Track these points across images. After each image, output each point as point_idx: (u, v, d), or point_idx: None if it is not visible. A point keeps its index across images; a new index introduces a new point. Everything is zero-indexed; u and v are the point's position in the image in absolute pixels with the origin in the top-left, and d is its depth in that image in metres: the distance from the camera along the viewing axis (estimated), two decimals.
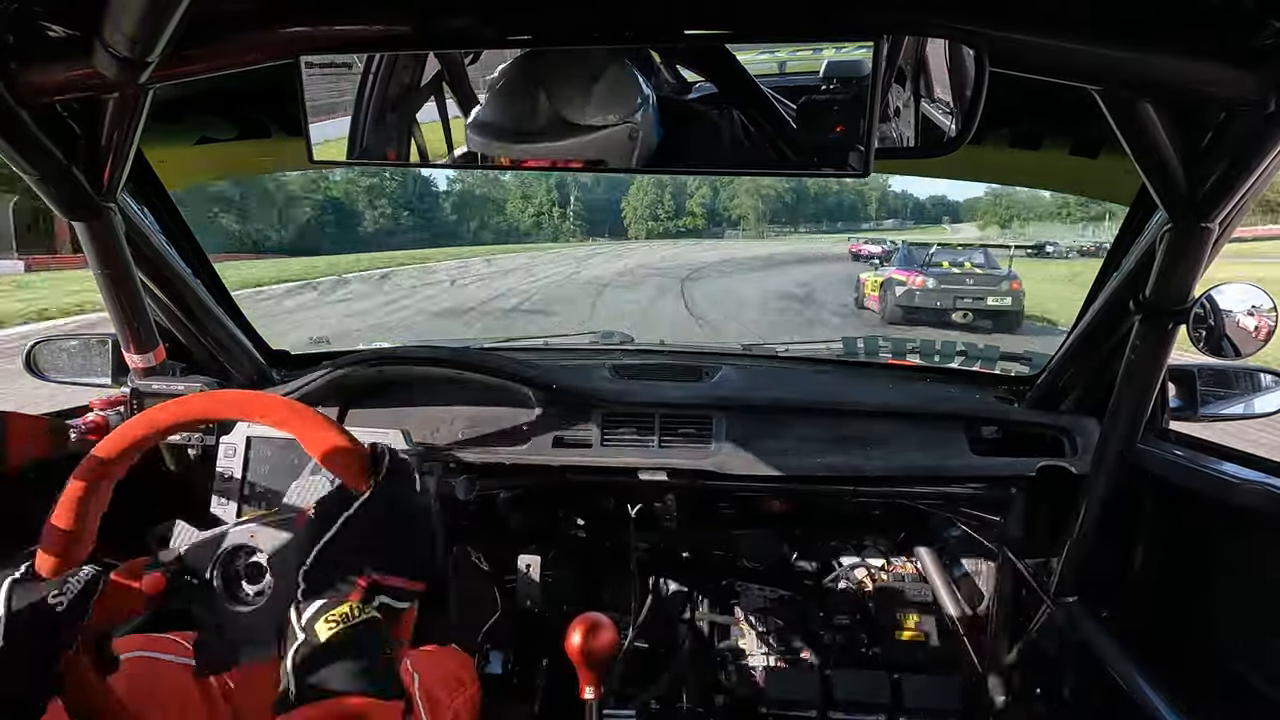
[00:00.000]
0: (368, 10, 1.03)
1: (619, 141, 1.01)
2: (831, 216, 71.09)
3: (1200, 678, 1.34)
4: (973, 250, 13.39)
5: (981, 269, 12.28)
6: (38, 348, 1.81)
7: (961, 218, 70.06)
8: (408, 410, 1.79)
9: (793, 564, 2.25)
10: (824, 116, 0.99)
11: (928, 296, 11.69)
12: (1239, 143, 1.00)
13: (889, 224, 72.26)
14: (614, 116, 1.01)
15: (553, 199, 60.20)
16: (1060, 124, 1.43)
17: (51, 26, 0.99)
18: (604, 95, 1.02)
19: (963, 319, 11.56)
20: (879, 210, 75.73)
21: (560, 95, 1.01)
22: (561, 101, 1.01)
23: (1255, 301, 1.23)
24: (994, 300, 11.67)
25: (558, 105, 1.01)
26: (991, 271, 12.22)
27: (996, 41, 0.90)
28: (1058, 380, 1.68)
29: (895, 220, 73.33)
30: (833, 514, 2.20)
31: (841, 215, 72.38)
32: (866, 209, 75.23)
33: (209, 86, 1.11)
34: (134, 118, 1.18)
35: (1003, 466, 1.70)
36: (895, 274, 12.30)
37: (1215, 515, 1.38)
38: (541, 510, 2.15)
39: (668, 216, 62.70)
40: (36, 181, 1.21)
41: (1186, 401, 1.62)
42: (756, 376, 1.97)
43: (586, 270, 25.06)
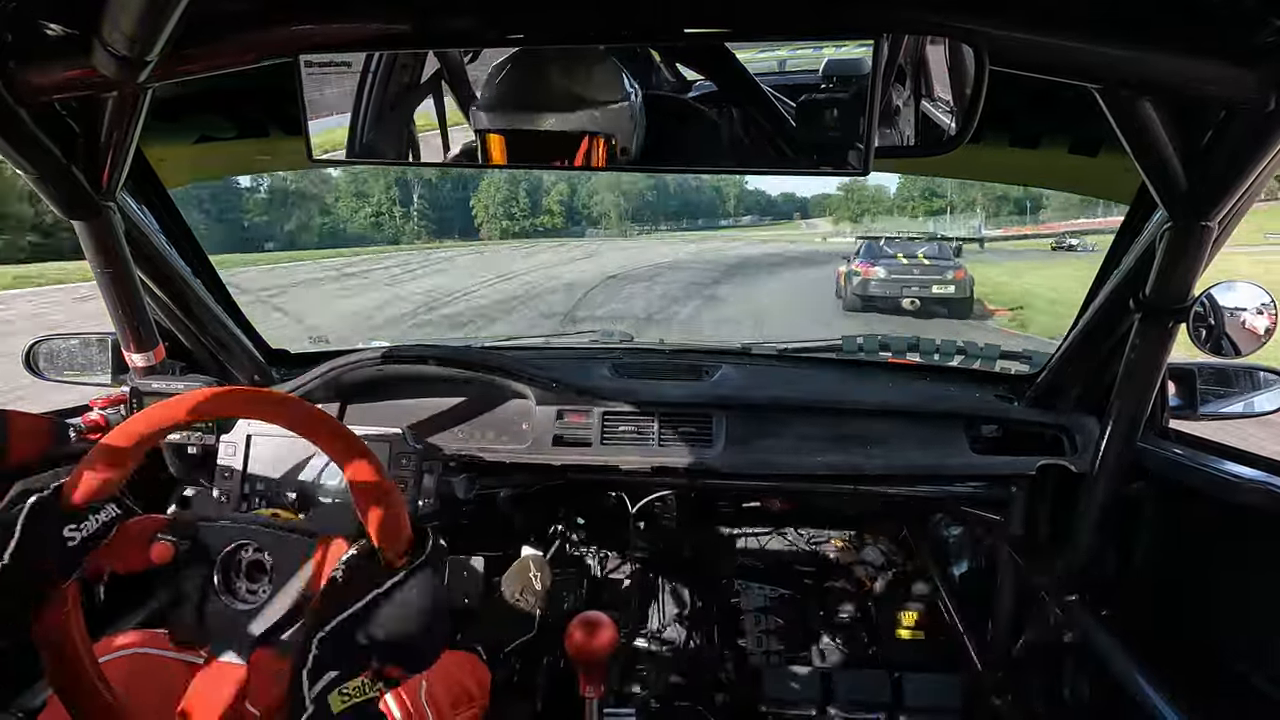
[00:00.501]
0: (368, 10, 1.03)
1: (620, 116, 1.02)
2: (693, 214, 69.50)
3: (1200, 676, 1.34)
4: (926, 243, 14.45)
5: (931, 259, 13.23)
6: (37, 346, 1.81)
7: (811, 213, 70.01)
8: (408, 409, 1.79)
9: (793, 564, 2.25)
10: (824, 115, 0.99)
11: (879, 286, 12.72)
12: (1239, 142, 1.00)
13: (746, 220, 70.77)
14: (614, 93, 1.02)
15: (392, 197, 53.82)
16: (1059, 123, 1.42)
17: (51, 26, 0.99)
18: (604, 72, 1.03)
19: (910, 305, 12.56)
20: (737, 207, 73.99)
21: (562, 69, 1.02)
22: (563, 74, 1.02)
23: (1255, 299, 1.23)
24: (939, 288, 12.66)
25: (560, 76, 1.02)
26: (939, 262, 13.15)
27: (996, 40, 0.90)
28: (1058, 379, 1.68)
29: (753, 216, 71.40)
30: (833, 513, 2.20)
31: (701, 212, 70.88)
32: (725, 205, 73.81)
33: (209, 86, 1.11)
34: (133, 117, 1.18)
35: (1003, 465, 1.70)
36: (856, 266, 13.31)
37: (1215, 514, 1.38)
38: (541, 509, 2.15)
39: (523, 215, 59.19)
40: (36, 181, 1.21)
41: (1186, 400, 1.62)
42: (756, 375, 1.97)
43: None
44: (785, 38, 0.99)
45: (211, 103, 1.53)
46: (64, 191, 1.25)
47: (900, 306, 12.49)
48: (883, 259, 13.15)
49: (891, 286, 12.64)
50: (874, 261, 13.06)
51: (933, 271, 12.83)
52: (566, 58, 1.03)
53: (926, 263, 13.05)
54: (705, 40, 1.01)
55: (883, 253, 13.44)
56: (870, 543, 2.23)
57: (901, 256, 13.20)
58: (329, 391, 1.75)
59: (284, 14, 1.03)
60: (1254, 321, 1.22)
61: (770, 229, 52.52)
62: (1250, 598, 1.31)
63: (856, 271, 13.10)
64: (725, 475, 1.76)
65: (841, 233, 45.39)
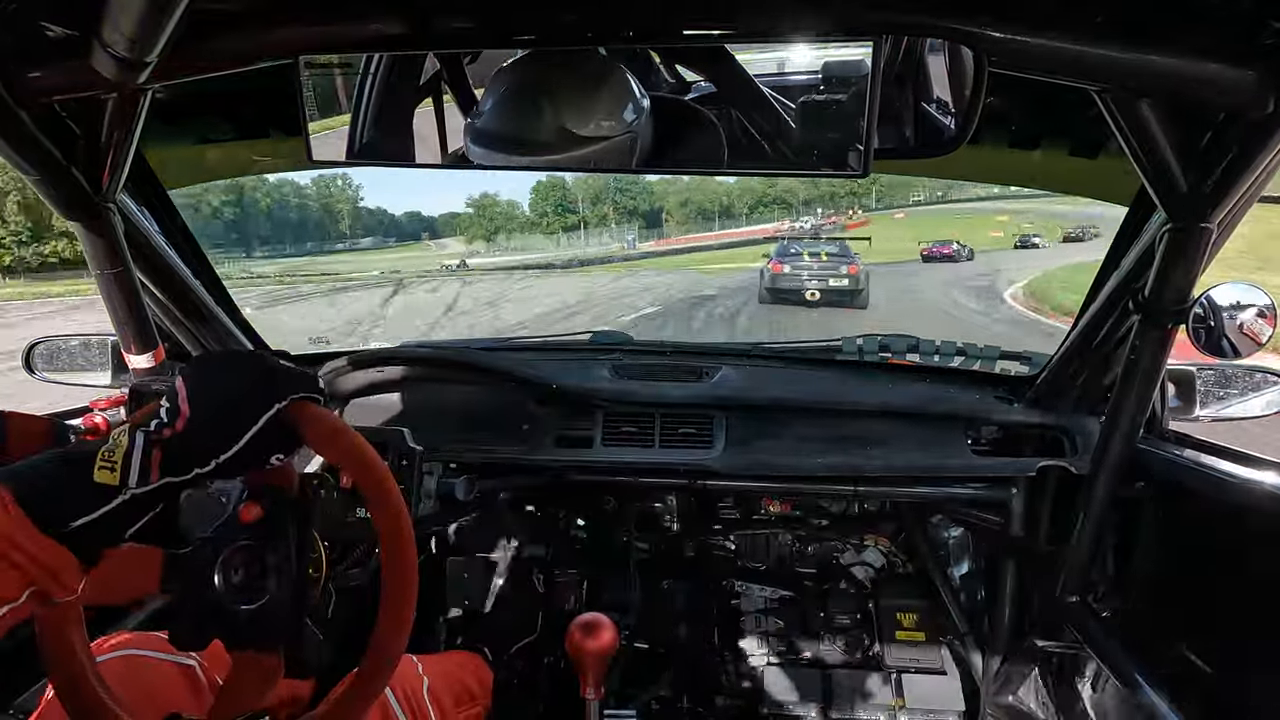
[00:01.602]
0: (368, 10, 1.03)
1: (619, 149, 1.01)
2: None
3: (1200, 677, 1.34)
4: (826, 243, 17.41)
5: (830, 256, 15.39)
6: (37, 347, 1.81)
7: (441, 233, 63.57)
8: (408, 409, 1.79)
9: (793, 564, 2.25)
10: (823, 116, 0.99)
11: (784, 280, 14.77)
12: (1239, 143, 1.00)
13: (366, 242, 60.54)
14: (615, 126, 1.01)
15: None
16: (1060, 124, 1.42)
17: (51, 26, 0.99)
18: (606, 105, 1.02)
19: (811, 297, 14.46)
20: (354, 228, 62.35)
21: (562, 105, 1.01)
22: (563, 112, 1.01)
23: (1255, 301, 1.22)
24: (834, 281, 14.58)
25: (560, 116, 1.01)
26: (836, 259, 15.19)
27: (996, 42, 0.90)
28: (1058, 380, 1.68)
29: (374, 238, 61.54)
30: (833, 514, 2.20)
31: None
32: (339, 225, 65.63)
33: (209, 86, 1.10)
34: (133, 118, 1.18)
35: (1003, 466, 1.70)
36: (769, 265, 15.49)
37: (1215, 515, 1.38)
38: (542, 510, 2.15)
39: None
40: (36, 182, 1.21)
41: (1186, 401, 1.62)
42: (756, 376, 1.97)
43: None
44: (785, 39, 0.99)
45: (211, 104, 1.53)
46: (64, 193, 1.25)
47: (804, 298, 14.47)
48: (789, 257, 15.25)
49: (794, 280, 14.68)
50: (783, 260, 15.18)
51: (829, 267, 14.85)
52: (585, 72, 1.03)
53: (825, 259, 15.17)
54: (705, 41, 1.01)
55: (790, 251, 15.63)
56: (870, 544, 2.23)
57: (806, 255, 15.36)
58: (330, 392, 1.75)
59: (284, 15, 1.03)
60: (1253, 323, 1.22)
61: (396, 251, 50.12)
62: (1250, 598, 1.31)
63: (767, 268, 15.32)
64: (725, 476, 1.76)
65: (477, 252, 45.08)
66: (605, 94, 1.02)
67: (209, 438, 0.74)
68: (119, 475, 0.70)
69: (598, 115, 1.01)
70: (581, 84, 1.02)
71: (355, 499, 1.54)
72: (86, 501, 0.69)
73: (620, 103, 1.02)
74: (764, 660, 2.10)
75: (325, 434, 0.81)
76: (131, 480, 0.70)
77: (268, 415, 0.75)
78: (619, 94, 1.02)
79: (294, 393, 0.78)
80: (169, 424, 0.73)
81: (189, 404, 0.74)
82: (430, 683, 1.22)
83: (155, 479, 0.71)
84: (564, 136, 1.01)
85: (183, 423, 0.73)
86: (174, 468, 0.72)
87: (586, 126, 1.01)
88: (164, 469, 0.72)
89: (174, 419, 0.74)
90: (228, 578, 0.86)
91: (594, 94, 1.02)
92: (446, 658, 1.37)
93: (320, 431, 0.80)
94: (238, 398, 0.77)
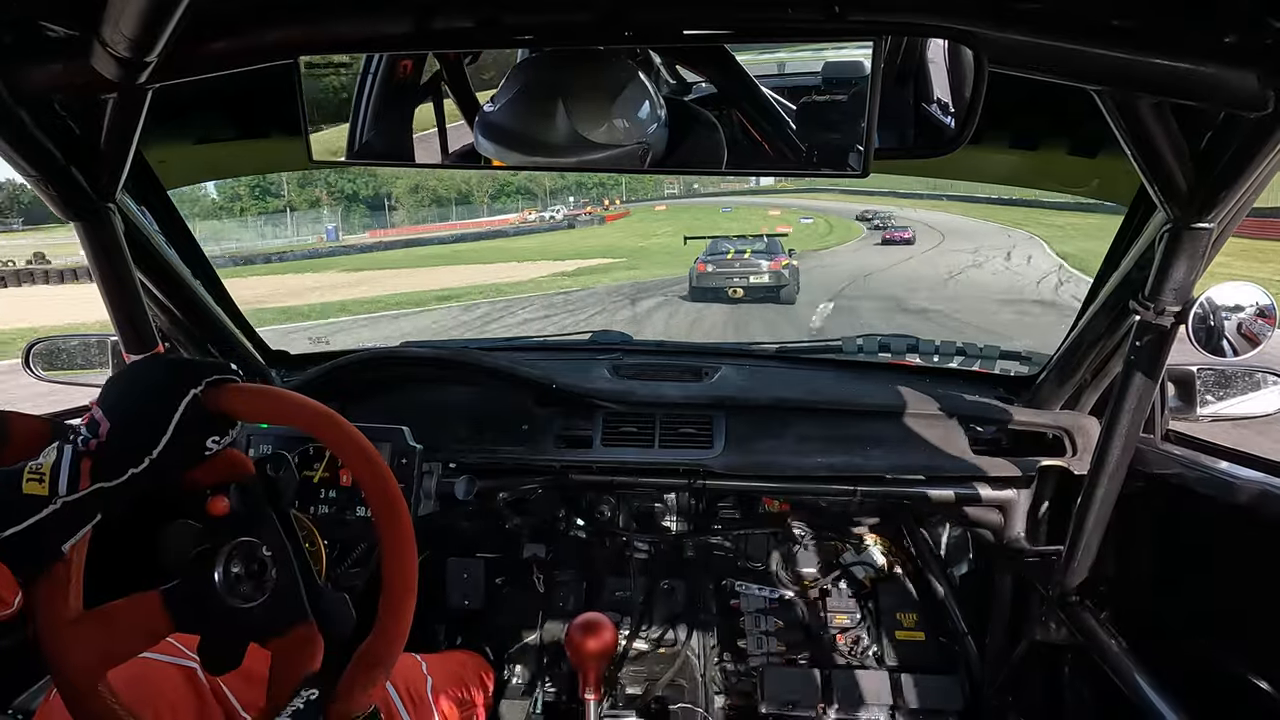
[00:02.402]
0: (368, 10, 1.03)
1: (630, 156, 1.02)
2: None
3: (1200, 677, 1.34)
4: (753, 241, 17.32)
5: (755, 253, 15.89)
6: (37, 347, 1.81)
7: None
8: (408, 409, 1.79)
9: (793, 564, 2.25)
10: (823, 117, 0.99)
11: (709, 278, 15.55)
12: (1239, 143, 1.00)
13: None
14: (630, 134, 1.01)
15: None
16: (1059, 124, 1.43)
17: (51, 26, 0.98)
18: (623, 114, 1.02)
19: (734, 294, 15.21)
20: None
21: (579, 111, 1.01)
22: (580, 118, 1.00)
23: (1255, 301, 1.23)
24: (755, 278, 15.35)
25: (576, 121, 1.00)
26: (759, 257, 15.77)
27: (996, 42, 0.90)
28: (1057, 380, 1.68)
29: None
30: (833, 514, 2.20)
31: None
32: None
33: (209, 87, 1.10)
34: (134, 118, 1.18)
35: (1003, 466, 1.71)
36: (696, 264, 16.14)
37: (1215, 515, 1.38)
38: (542, 510, 2.15)
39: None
40: (36, 181, 1.21)
41: (1186, 401, 1.63)
42: (756, 376, 1.97)
43: None
44: (785, 39, 0.99)
45: (212, 103, 1.53)
46: (64, 192, 1.25)
47: (728, 295, 15.22)
48: (714, 256, 15.92)
49: (719, 278, 15.44)
50: (708, 259, 15.86)
51: (750, 265, 15.53)
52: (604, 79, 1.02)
53: (747, 257, 15.77)
54: (705, 42, 1.01)
55: (717, 250, 16.20)
56: (870, 544, 2.23)
57: (731, 253, 15.95)
58: (329, 392, 1.75)
59: (284, 15, 1.03)
60: (1253, 323, 1.22)
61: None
62: (1249, 598, 1.31)
63: (693, 267, 16.02)
64: (725, 476, 1.76)
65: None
66: (623, 101, 1.02)
67: (134, 437, 0.78)
68: (48, 485, 0.73)
69: (614, 122, 1.01)
70: (601, 89, 1.02)
71: (354, 495, 1.54)
72: (16, 512, 0.71)
73: (637, 111, 1.02)
74: (764, 660, 2.10)
75: (254, 400, 0.84)
76: (61, 488, 0.73)
77: (185, 402, 0.79)
78: (637, 102, 1.02)
79: (205, 377, 0.81)
80: (92, 437, 0.77)
81: (106, 417, 0.78)
82: (434, 681, 1.22)
83: (85, 485, 0.74)
84: (577, 141, 1.01)
85: (105, 432, 0.77)
86: (105, 472, 0.75)
87: (601, 132, 1.01)
88: (95, 475, 0.75)
89: (95, 431, 0.77)
90: (233, 584, 0.86)
91: (612, 100, 1.02)
92: (449, 657, 1.37)
93: (249, 400, 0.84)
94: (151, 396, 0.81)
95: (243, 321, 1.85)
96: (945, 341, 2.31)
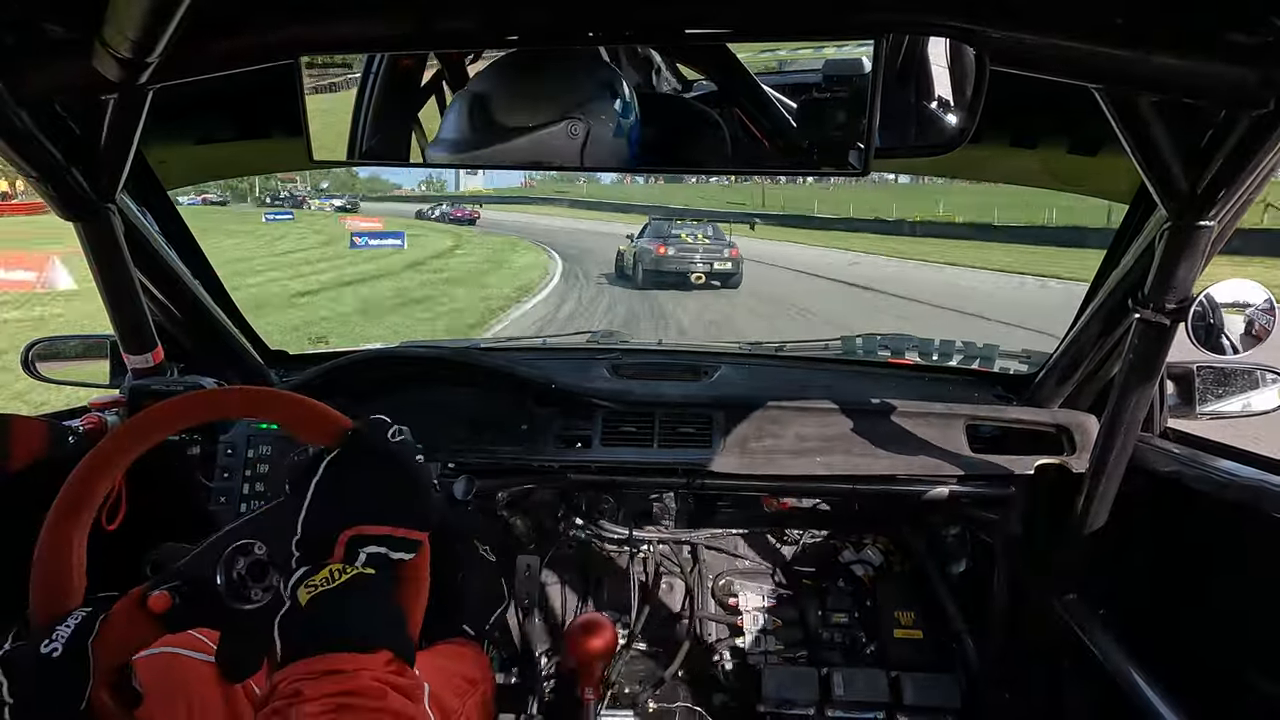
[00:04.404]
0: (368, 10, 1.03)
1: (559, 140, 1.00)
2: None
3: (1198, 675, 1.35)
4: (705, 225, 16.87)
5: (710, 239, 15.41)
6: (36, 347, 1.81)
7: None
8: (407, 409, 1.79)
9: (791, 564, 2.25)
10: (824, 115, 0.99)
11: (670, 262, 14.76)
12: (1239, 142, 1.00)
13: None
14: (548, 116, 1.00)
15: None
16: (1059, 123, 1.43)
17: (51, 26, 0.98)
18: (537, 95, 1.01)
19: (696, 280, 14.65)
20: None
21: (496, 101, 1.01)
22: (497, 107, 1.01)
23: (1254, 299, 1.23)
24: (719, 264, 14.87)
25: (493, 111, 1.01)
26: (718, 241, 15.33)
27: (997, 41, 0.90)
28: (1056, 378, 1.68)
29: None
30: (832, 513, 2.20)
31: None
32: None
33: (209, 86, 1.10)
34: (134, 118, 1.18)
35: (1001, 465, 1.71)
36: (645, 245, 15.31)
37: (1214, 513, 1.38)
38: (541, 510, 2.15)
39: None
40: (36, 182, 1.21)
41: (1185, 399, 1.63)
42: (756, 375, 1.97)
43: None
44: (786, 38, 1.00)
45: (212, 104, 1.53)
46: (64, 192, 1.25)
47: (689, 281, 14.60)
48: (670, 239, 15.10)
49: (681, 263, 14.70)
50: (666, 242, 15.01)
51: (713, 250, 15.02)
52: (521, 66, 1.03)
53: (708, 242, 15.18)
54: (706, 40, 1.01)
55: (669, 233, 15.41)
56: (869, 542, 2.23)
57: (686, 237, 15.26)
58: (329, 392, 1.75)
59: (284, 16, 1.03)
60: (1253, 321, 1.22)
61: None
62: (1248, 597, 1.32)
63: (649, 250, 15.02)
64: (725, 475, 1.76)
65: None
66: (539, 84, 1.03)
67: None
68: None
69: (529, 106, 1.01)
70: (516, 76, 1.03)
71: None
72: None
73: (556, 92, 1.02)
74: (762, 659, 2.10)
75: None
76: None
77: None
78: (555, 83, 1.02)
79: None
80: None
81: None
82: (431, 688, 1.21)
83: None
84: (498, 130, 1.01)
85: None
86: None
87: (517, 118, 1.00)
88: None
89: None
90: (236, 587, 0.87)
91: (528, 85, 1.03)
92: (436, 653, 1.36)
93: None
94: None
95: (242, 321, 1.85)
96: (944, 340, 2.31)
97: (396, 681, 0.73)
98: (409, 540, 0.86)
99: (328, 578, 0.78)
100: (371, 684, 0.71)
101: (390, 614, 0.81)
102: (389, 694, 0.71)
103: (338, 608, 0.77)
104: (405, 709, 0.72)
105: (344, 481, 0.86)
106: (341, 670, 0.71)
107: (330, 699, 0.68)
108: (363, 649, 0.73)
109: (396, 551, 0.85)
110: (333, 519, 0.83)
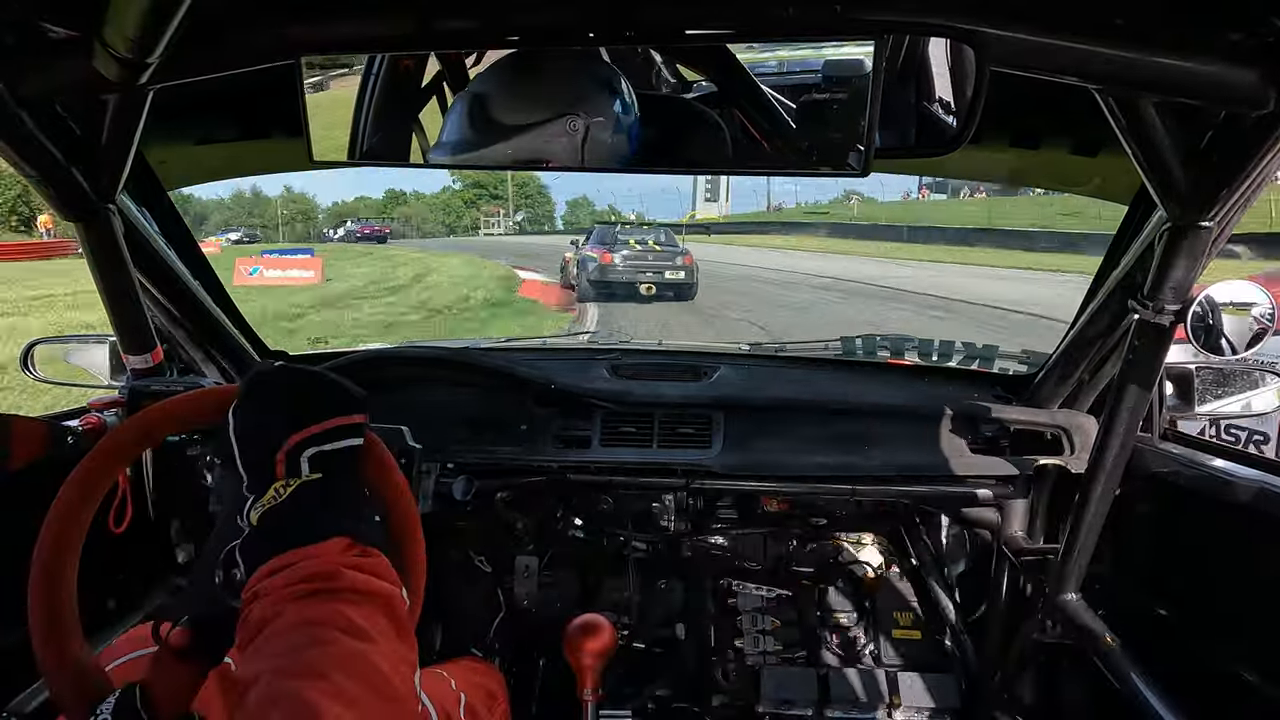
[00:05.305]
0: (368, 10, 1.02)
1: (558, 137, 1.00)
2: None
3: (1198, 676, 1.35)
4: (656, 230, 15.30)
5: (661, 246, 13.98)
6: (36, 348, 1.81)
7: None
8: (407, 409, 1.79)
9: (792, 564, 2.25)
10: (824, 115, 0.99)
11: (619, 272, 13.31)
12: (1239, 142, 1.00)
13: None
14: (546, 113, 1.00)
15: None
16: (1060, 124, 1.43)
17: (51, 27, 0.98)
18: (536, 93, 1.02)
19: (646, 291, 13.17)
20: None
21: (496, 100, 1.02)
22: (496, 106, 1.01)
23: (1253, 300, 1.23)
24: (670, 274, 13.42)
25: (492, 110, 1.01)
26: (669, 248, 13.98)
27: (998, 41, 0.90)
28: (1056, 379, 1.68)
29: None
30: (832, 514, 2.20)
31: None
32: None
33: (209, 86, 1.10)
34: (134, 118, 1.18)
35: (1000, 465, 1.71)
36: (589, 251, 13.81)
37: (1213, 513, 1.38)
38: (541, 510, 2.15)
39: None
40: (36, 182, 1.20)
41: (1184, 400, 1.63)
42: (755, 376, 1.97)
43: None
44: (786, 38, 0.99)
45: (212, 104, 1.53)
46: (64, 193, 1.25)
47: (638, 292, 13.14)
48: (616, 245, 13.67)
49: (629, 273, 13.26)
50: (611, 248, 13.56)
51: (665, 258, 13.64)
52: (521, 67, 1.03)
53: (659, 249, 13.80)
54: (706, 41, 1.01)
55: (616, 239, 13.98)
56: (868, 543, 2.23)
57: (634, 243, 13.80)
58: None
59: (285, 16, 1.03)
60: (1253, 321, 1.22)
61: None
62: (1248, 596, 1.32)
63: (592, 257, 13.57)
64: (724, 476, 1.76)
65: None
66: (536, 84, 1.03)
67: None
68: None
69: (526, 105, 1.02)
70: (515, 77, 1.03)
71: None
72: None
73: (553, 91, 1.02)
74: (761, 659, 2.10)
75: None
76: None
77: None
78: (552, 83, 1.03)
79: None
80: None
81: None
82: (467, 698, 1.22)
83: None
84: (496, 129, 1.01)
85: None
86: None
87: (514, 117, 1.01)
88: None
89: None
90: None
91: (525, 85, 1.03)
92: (467, 668, 1.37)
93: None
94: None
95: (242, 322, 1.85)
96: (944, 341, 2.31)
97: (355, 561, 0.74)
98: (344, 427, 0.86)
99: (274, 495, 0.79)
100: (324, 568, 0.72)
101: (344, 505, 0.81)
102: (343, 573, 0.72)
103: (287, 515, 0.78)
104: (368, 585, 0.73)
105: (254, 414, 0.85)
106: (292, 564, 0.72)
107: (287, 589, 0.70)
108: (314, 541, 0.75)
109: (337, 442, 0.84)
110: (261, 447, 0.82)
